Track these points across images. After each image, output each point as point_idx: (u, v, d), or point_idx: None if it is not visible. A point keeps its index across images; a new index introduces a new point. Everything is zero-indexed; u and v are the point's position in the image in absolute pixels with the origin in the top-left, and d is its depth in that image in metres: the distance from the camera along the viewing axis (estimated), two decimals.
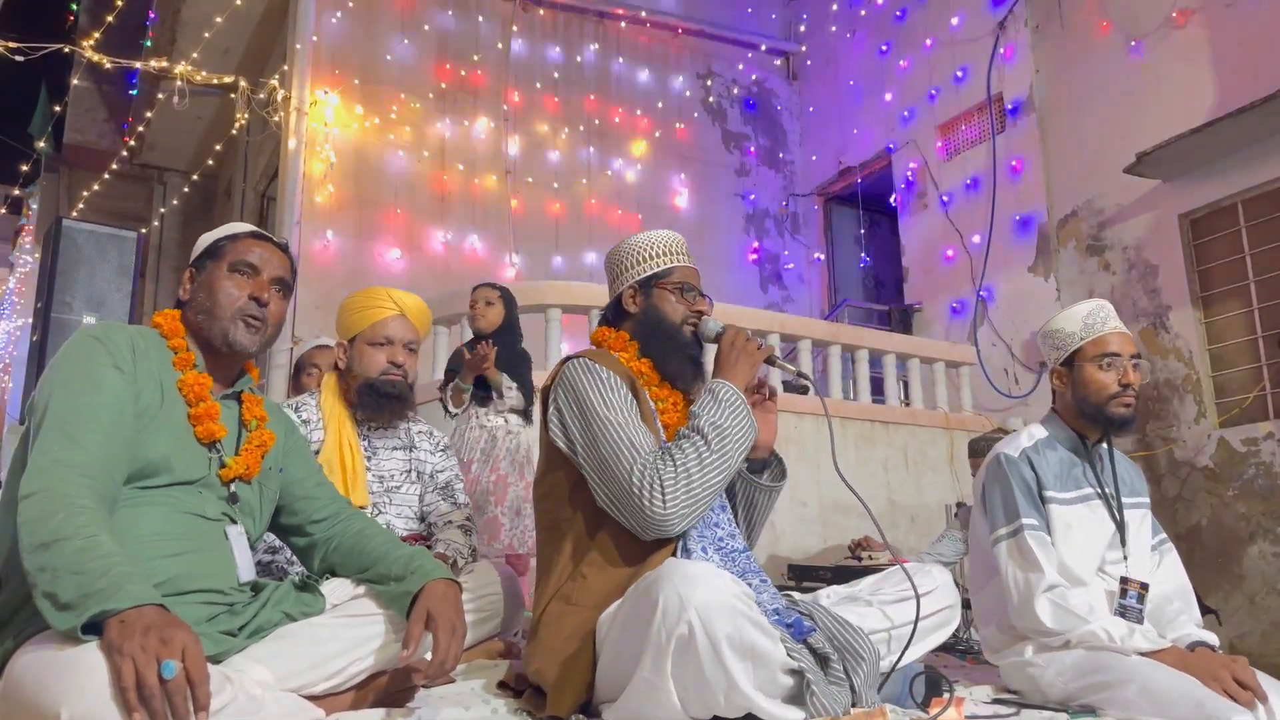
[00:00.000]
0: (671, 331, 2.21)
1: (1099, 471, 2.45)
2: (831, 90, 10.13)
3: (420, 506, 2.88)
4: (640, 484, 1.90)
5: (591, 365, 2.08)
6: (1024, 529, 2.31)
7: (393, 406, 2.77)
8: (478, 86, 8.58)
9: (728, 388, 2.04)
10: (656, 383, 2.20)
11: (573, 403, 2.06)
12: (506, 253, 8.35)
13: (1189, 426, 6.38)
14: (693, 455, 1.93)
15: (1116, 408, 2.38)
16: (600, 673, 1.82)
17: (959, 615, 2.17)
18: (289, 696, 1.64)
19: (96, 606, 1.36)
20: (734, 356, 2.11)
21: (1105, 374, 2.39)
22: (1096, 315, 2.46)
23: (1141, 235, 6.78)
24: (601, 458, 1.98)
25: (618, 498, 1.94)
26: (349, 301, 2.88)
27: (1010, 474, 2.39)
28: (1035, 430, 2.51)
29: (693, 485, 1.91)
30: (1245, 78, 5.96)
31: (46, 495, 1.51)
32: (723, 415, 1.98)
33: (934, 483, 6.77)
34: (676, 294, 2.24)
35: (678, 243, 2.31)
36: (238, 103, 8.52)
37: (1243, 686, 2.01)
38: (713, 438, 1.95)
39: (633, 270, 2.27)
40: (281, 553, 2.54)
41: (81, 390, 1.65)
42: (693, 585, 1.61)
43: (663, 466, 1.91)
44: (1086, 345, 2.43)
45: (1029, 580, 2.26)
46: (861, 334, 7.13)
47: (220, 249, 1.92)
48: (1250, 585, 5.88)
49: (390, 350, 2.77)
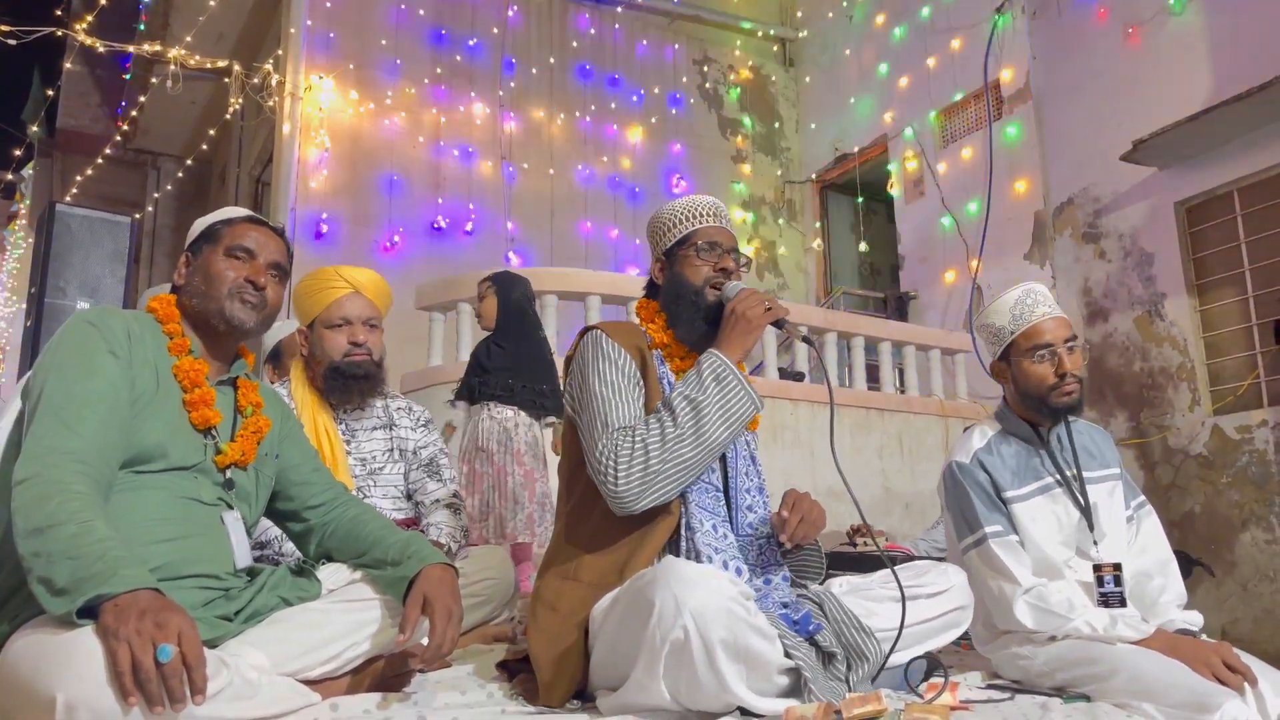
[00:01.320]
0: (691, 296, 2.10)
1: (1057, 455, 2.41)
2: (828, 77, 10.10)
3: (406, 485, 2.85)
4: (602, 459, 1.89)
5: (599, 337, 2.06)
6: (988, 538, 2.28)
7: (361, 387, 2.72)
8: (473, 71, 8.54)
9: (714, 359, 1.94)
10: (681, 355, 2.15)
11: (579, 374, 2.06)
12: (502, 239, 8.33)
13: (1183, 414, 6.40)
14: (655, 432, 1.88)
15: (1058, 398, 2.34)
16: (594, 664, 1.83)
17: (970, 616, 2.14)
18: (285, 681, 1.65)
19: (91, 591, 1.36)
20: (731, 324, 1.99)
21: (1040, 366, 2.34)
22: (1024, 304, 2.40)
23: (1137, 223, 6.78)
24: (585, 431, 1.98)
25: (591, 472, 1.94)
26: (301, 286, 2.82)
27: (965, 481, 2.35)
28: (985, 429, 2.47)
29: (651, 463, 1.86)
30: (1242, 65, 5.95)
31: (41, 481, 1.51)
32: (702, 390, 1.90)
33: (929, 470, 6.78)
34: (696, 255, 2.13)
35: (706, 205, 2.19)
36: (232, 87, 8.50)
37: (1231, 670, 2.02)
38: (682, 412, 1.88)
39: (660, 241, 2.22)
40: (270, 546, 2.52)
41: (77, 376, 1.65)
42: (689, 589, 1.60)
43: (621, 442, 1.88)
44: (1018, 338, 2.38)
45: (1003, 589, 2.25)
46: (857, 321, 7.13)
47: (216, 233, 1.92)
48: (1242, 572, 5.91)
49: (350, 330, 2.71)
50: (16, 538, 1.46)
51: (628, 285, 6.13)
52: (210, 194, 11.41)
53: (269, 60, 8.02)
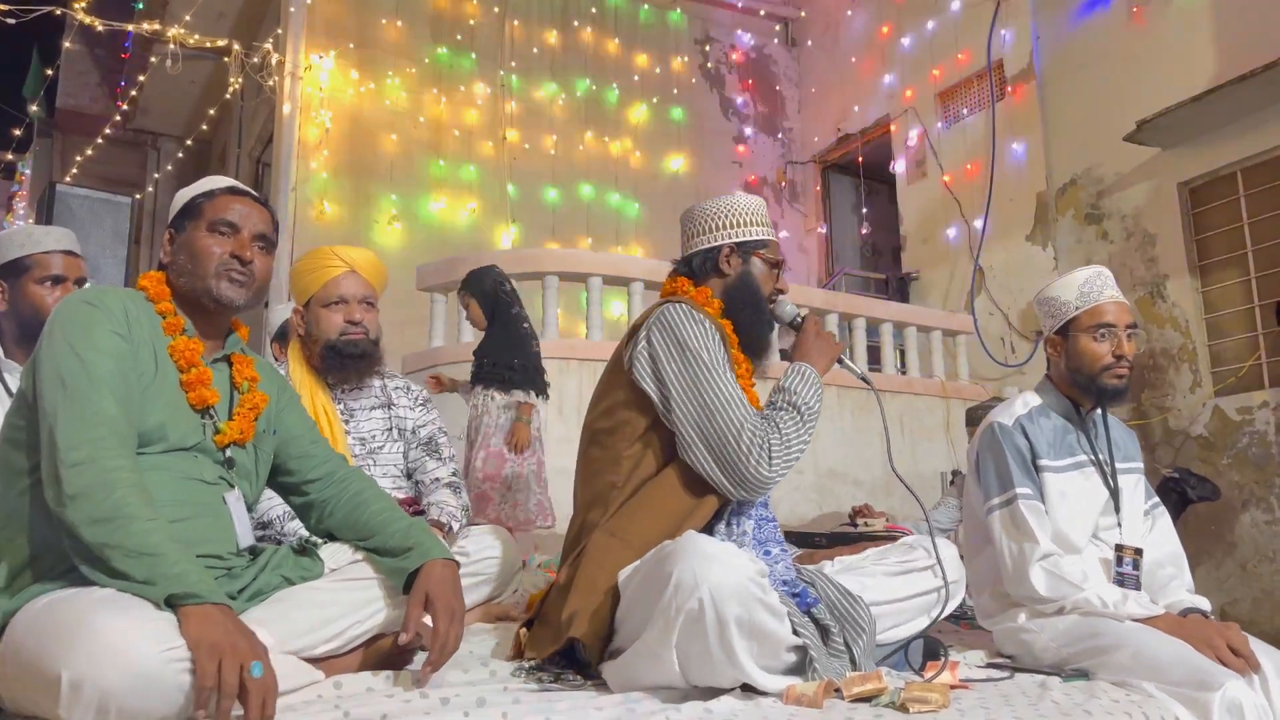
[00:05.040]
0: (760, 303, 2.24)
1: (1093, 438, 2.44)
2: (831, 57, 10.04)
3: (405, 464, 2.85)
4: (749, 444, 1.95)
5: (696, 313, 2.08)
6: (1018, 498, 2.30)
7: (358, 366, 2.73)
8: (474, 52, 8.49)
9: (815, 372, 2.12)
10: (735, 346, 2.20)
11: (672, 346, 2.04)
12: (502, 220, 8.31)
13: (1184, 396, 6.39)
14: (793, 427, 2.01)
15: (1109, 379, 2.37)
16: (617, 623, 1.86)
17: (962, 589, 2.20)
18: (289, 659, 1.66)
19: (178, 588, 1.43)
20: (820, 345, 2.18)
21: (1099, 345, 2.37)
22: (1093, 283, 2.43)
23: (1140, 204, 6.76)
24: (706, 407, 1.98)
25: (717, 449, 1.97)
26: (298, 266, 2.82)
27: (1004, 443, 2.38)
28: (1029, 397, 2.50)
29: (790, 455, 1.99)
30: (1247, 45, 5.90)
31: (96, 467, 1.53)
32: (812, 396, 2.07)
33: (930, 451, 6.80)
34: (769, 267, 2.27)
35: (768, 215, 2.35)
36: (231, 67, 8.45)
37: (1235, 653, 2.03)
38: (806, 415, 2.05)
39: (732, 230, 2.26)
40: (272, 526, 2.53)
41: (94, 358, 1.65)
42: (708, 564, 1.63)
43: (770, 432, 1.98)
44: (1082, 315, 2.40)
45: (1023, 549, 2.27)
46: (859, 303, 7.12)
47: (198, 207, 1.87)
48: (1242, 553, 5.93)
49: (346, 309, 2.72)
50: (77, 523, 1.49)
51: (629, 266, 6.12)
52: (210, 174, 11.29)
53: (269, 39, 7.98)
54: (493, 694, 1.71)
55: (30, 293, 2.49)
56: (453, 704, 1.61)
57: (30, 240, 2.54)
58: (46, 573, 1.58)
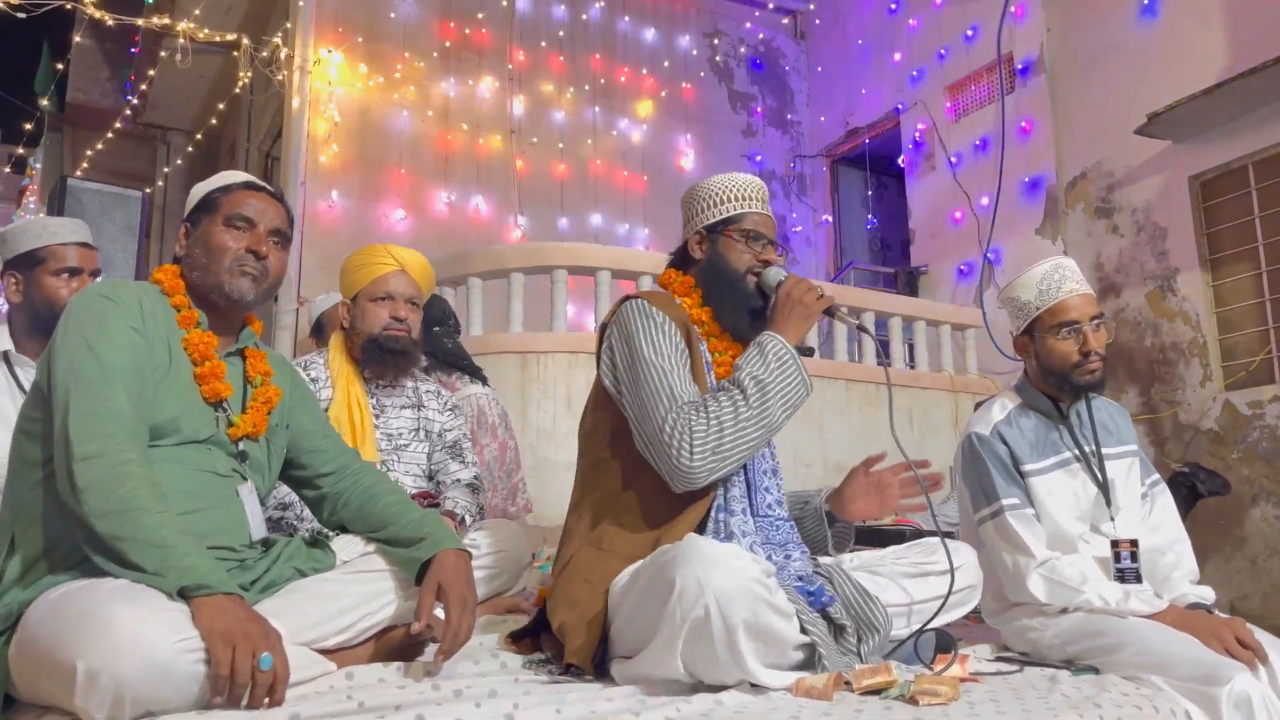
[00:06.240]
0: (733, 281, 2.14)
1: (1076, 432, 2.40)
2: (840, 50, 10.01)
3: (429, 465, 2.89)
4: (671, 433, 1.87)
5: (647, 307, 2.04)
6: (1005, 510, 2.28)
7: (397, 362, 2.78)
8: (482, 45, 8.49)
9: (776, 341, 1.96)
10: (716, 333, 2.16)
11: (623, 342, 2.03)
12: (511, 214, 8.31)
13: (1194, 390, 6.37)
14: (728, 409, 1.88)
15: (1081, 376, 2.33)
16: (613, 634, 1.84)
17: (979, 595, 2.17)
18: (301, 650, 1.67)
19: (190, 580, 1.45)
20: (788, 309, 2.01)
21: (1065, 343, 2.32)
22: (1050, 279, 2.37)
23: (1151, 197, 6.73)
24: (641, 401, 1.94)
25: (650, 444, 1.92)
26: (350, 260, 2.89)
27: (984, 453, 2.35)
28: (1007, 400, 2.47)
29: (724, 440, 1.87)
30: (1259, 38, 5.87)
31: (106, 460, 1.54)
32: (767, 370, 1.91)
33: (938, 445, 6.77)
34: (743, 241, 2.15)
35: (754, 187, 2.21)
36: (240, 61, 8.44)
37: (1243, 646, 2.02)
38: (752, 393, 1.89)
39: (702, 214, 2.20)
40: (291, 509, 2.56)
41: (108, 352, 1.66)
42: (712, 569, 1.60)
43: (695, 418, 1.87)
44: (1043, 314, 2.35)
45: (1017, 561, 2.25)
46: (867, 296, 7.11)
47: (214, 202, 1.88)
48: (1252, 548, 5.91)
49: (392, 305, 2.77)
50: (89, 515, 1.50)
51: (637, 260, 6.12)
52: (220, 168, 11.08)
53: (278, 34, 7.98)
54: (504, 685, 1.72)
55: (45, 284, 2.50)
56: (464, 695, 1.62)
57: (45, 232, 2.55)
58: (61, 564, 1.59)
